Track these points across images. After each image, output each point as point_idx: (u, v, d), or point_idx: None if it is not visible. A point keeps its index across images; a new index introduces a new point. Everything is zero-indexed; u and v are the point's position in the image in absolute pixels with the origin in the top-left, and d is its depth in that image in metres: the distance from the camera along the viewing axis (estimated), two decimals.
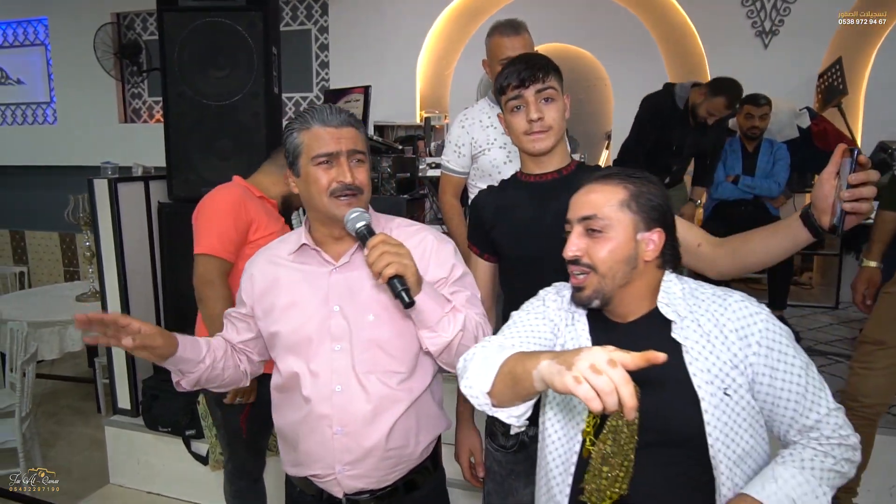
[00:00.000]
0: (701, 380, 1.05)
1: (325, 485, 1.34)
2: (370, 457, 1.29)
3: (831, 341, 3.53)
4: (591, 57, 4.94)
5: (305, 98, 5.70)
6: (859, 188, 1.07)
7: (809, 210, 1.17)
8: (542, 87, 1.40)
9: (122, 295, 2.82)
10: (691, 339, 1.08)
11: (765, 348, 1.05)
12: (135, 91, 6.11)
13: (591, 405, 0.75)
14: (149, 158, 4.34)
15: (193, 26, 2.66)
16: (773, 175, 3.71)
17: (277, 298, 1.33)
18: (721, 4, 4.61)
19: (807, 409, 1.05)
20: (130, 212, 2.85)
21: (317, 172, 1.26)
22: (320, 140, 1.26)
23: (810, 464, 1.04)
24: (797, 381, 1.05)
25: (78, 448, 3.43)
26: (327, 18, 5.48)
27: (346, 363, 1.28)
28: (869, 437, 2.01)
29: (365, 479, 1.31)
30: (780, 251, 1.24)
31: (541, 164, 1.48)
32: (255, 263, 1.41)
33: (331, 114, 1.27)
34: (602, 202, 1.12)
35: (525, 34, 2.11)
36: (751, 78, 4.34)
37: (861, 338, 2.02)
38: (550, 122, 1.41)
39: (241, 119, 2.67)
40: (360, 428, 1.28)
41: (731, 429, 1.05)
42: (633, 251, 1.11)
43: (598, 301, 1.12)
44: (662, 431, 1.06)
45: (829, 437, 1.04)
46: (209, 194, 1.96)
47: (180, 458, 2.79)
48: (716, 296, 1.12)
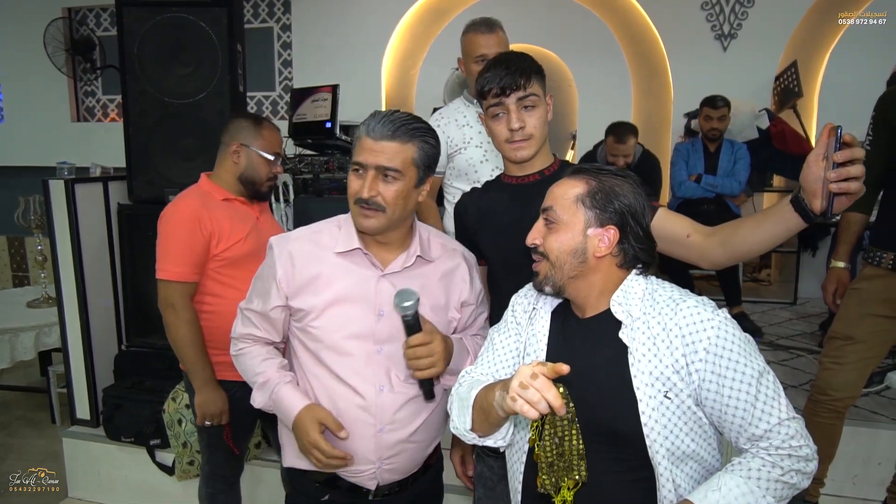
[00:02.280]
0: (641, 381, 1.07)
1: (359, 479, 1.39)
2: (405, 451, 1.39)
3: (792, 336, 3.64)
4: (556, 58, 4.98)
5: (268, 97, 5.60)
6: (846, 168, 1.04)
7: (800, 195, 1.14)
8: (524, 94, 1.38)
9: (81, 301, 2.70)
10: (638, 340, 1.10)
11: (712, 355, 1.05)
12: (88, 89, 5.90)
13: (528, 415, 0.92)
14: (104, 158, 4.18)
15: (154, 22, 2.57)
16: (734, 174, 3.81)
17: (320, 293, 1.33)
18: (682, 8, 4.72)
19: (756, 419, 1.04)
20: (88, 214, 2.73)
21: (350, 178, 1.31)
22: (359, 148, 1.29)
23: (756, 473, 1.03)
24: (746, 388, 1.04)
25: (32, 461, 3.27)
26: (290, 16, 5.39)
27: (387, 366, 1.35)
28: (837, 429, 2.06)
29: (398, 472, 1.41)
30: (771, 238, 1.22)
31: (523, 166, 1.47)
32: (296, 244, 1.37)
33: (378, 123, 1.28)
34: (559, 196, 1.17)
35: (500, 32, 2.11)
36: (711, 80, 4.47)
37: (830, 333, 2.07)
38: (531, 131, 1.40)
39: (206, 118, 2.59)
40: (399, 426, 1.36)
41: (669, 430, 1.06)
42: (582, 245, 1.13)
43: (549, 287, 1.17)
44: (606, 429, 1.10)
45: (779, 447, 1.03)
46: (169, 206, 1.89)
47: (144, 468, 2.69)
48: (671, 299, 1.11)
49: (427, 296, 1.35)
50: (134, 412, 2.65)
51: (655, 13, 4.78)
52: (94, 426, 2.83)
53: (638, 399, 1.07)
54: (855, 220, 2.11)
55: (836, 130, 1.05)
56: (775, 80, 4.57)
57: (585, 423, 1.10)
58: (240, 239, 1.87)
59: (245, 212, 1.94)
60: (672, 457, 1.07)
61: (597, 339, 1.15)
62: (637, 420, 1.06)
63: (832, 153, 1.05)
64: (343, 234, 1.36)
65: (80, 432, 2.84)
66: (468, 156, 2.13)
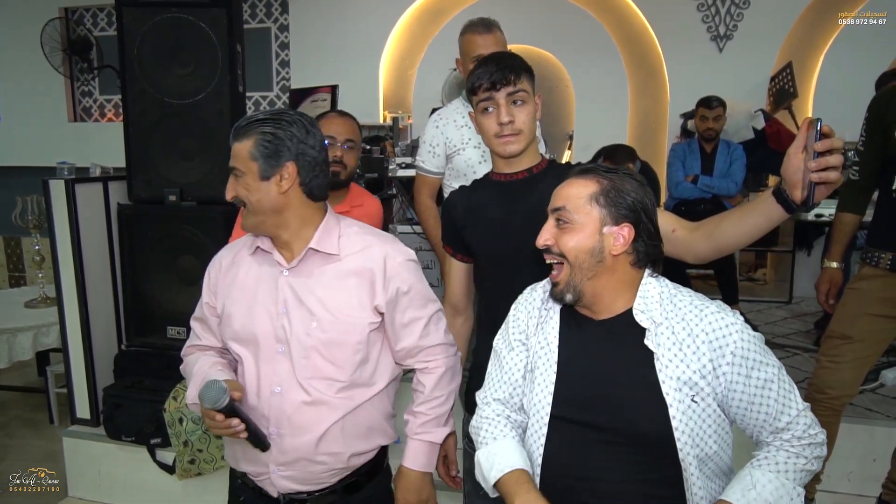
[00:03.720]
0: (669, 387, 1.08)
1: (261, 483, 1.36)
2: (301, 460, 1.31)
3: (787, 334, 3.67)
4: (554, 59, 5.01)
5: (265, 97, 5.61)
6: (825, 158, 1.08)
7: (781, 186, 1.17)
8: (514, 89, 1.39)
9: (81, 301, 2.71)
10: (664, 346, 1.11)
11: (739, 357, 1.08)
12: (85, 89, 5.90)
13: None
14: (101, 158, 4.19)
15: (154, 22, 2.57)
16: (730, 175, 3.83)
17: (233, 292, 1.36)
18: (678, 10, 4.74)
19: (779, 413, 1.09)
20: (88, 214, 2.73)
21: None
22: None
23: (784, 466, 1.08)
24: (770, 385, 1.09)
25: (31, 461, 3.26)
26: (287, 17, 5.40)
27: (288, 366, 1.30)
28: (834, 426, 2.08)
29: (298, 481, 1.33)
30: (754, 230, 1.25)
31: (511, 163, 1.48)
32: (222, 254, 1.45)
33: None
34: (573, 195, 1.16)
35: (497, 32, 2.12)
36: (707, 80, 4.49)
37: (828, 332, 2.09)
38: (521, 126, 1.41)
39: (205, 118, 2.59)
40: (294, 431, 1.30)
41: (697, 434, 1.08)
42: (599, 244, 1.13)
43: (570, 295, 1.16)
44: (633, 433, 1.10)
45: (801, 437, 1.09)
46: None
47: (145, 467, 2.70)
48: (693, 305, 1.13)
49: (328, 294, 1.31)
50: (134, 411, 2.65)
51: (652, 14, 4.81)
52: (94, 425, 2.84)
53: (668, 404, 1.08)
54: (848, 221, 2.13)
55: (816, 122, 1.08)
56: (770, 80, 4.60)
57: (610, 427, 1.11)
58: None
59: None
60: (702, 454, 1.09)
61: (617, 342, 1.15)
62: (666, 424, 1.07)
63: (812, 144, 1.09)
64: (253, 237, 1.39)
65: (81, 432, 2.84)
66: (467, 156, 2.14)
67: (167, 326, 2.73)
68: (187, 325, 2.80)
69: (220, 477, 2.58)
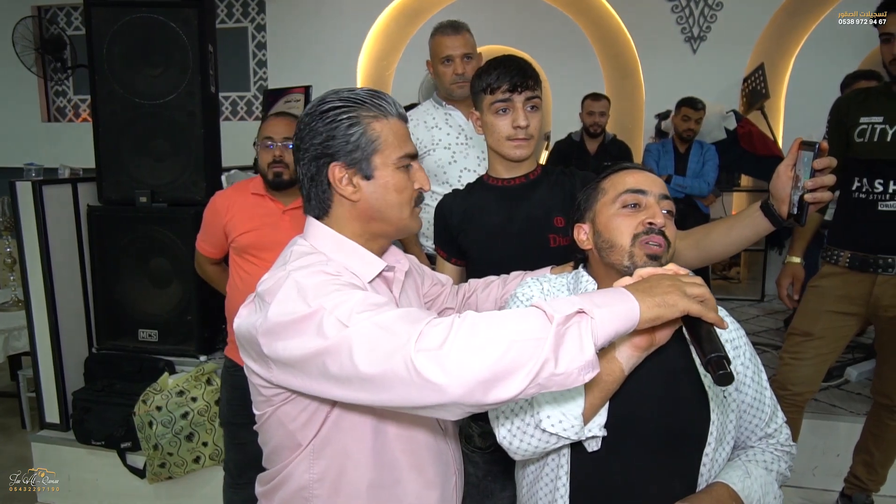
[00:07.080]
0: (706, 385, 1.09)
1: None
2: None
3: (759, 332, 3.72)
4: (530, 59, 5.03)
5: (242, 97, 5.57)
6: (821, 177, 1.12)
7: (769, 201, 1.22)
8: (532, 94, 1.42)
9: (50, 304, 2.67)
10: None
11: (748, 360, 1.13)
12: (59, 88, 5.82)
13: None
14: (76, 159, 4.14)
15: (123, 22, 2.55)
16: (702, 175, 3.88)
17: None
18: (653, 11, 4.79)
19: (770, 419, 1.15)
20: (57, 216, 2.70)
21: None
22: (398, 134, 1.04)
23: (771, 466, 1.14)
24: (767, 392, 1.14)
25: (2, 466, 3.22)
26: (264, 16, 5.37)
27: None
28: (797, 422, 2.13)
29: None
30: (741, 240, 1.28)
31: (512, 168, 1.49)
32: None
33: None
34: (662, 184, 1.17)
35: (466, 34, 2.14)
36: (681, 81, 4.55)
37: (790, 330, 2.13)
38: (533, 131, 1.44)
39: (177, 119, 2.58)
40: None
41: (721, 433, 1.10)
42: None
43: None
44: (675, 432, 1.07)
45: (783, 444, 1.15)
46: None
47: (115, 472, 2.67)
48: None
49: None
50: (104, 415, 2.62)
51: (626, 15, 4.85)
52: (63, 430, 2.80)
53: (711, 408, 1.08)
54: (811, 218, 2.17)
55: (812, 145, 1.13)
56: (743, 81, 4.67)
57: (665, 427, 1.06)
58: (245, 231, 1.99)
59: (269, 207, 2.02)
60: (713, 462, 1.10)
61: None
62: (706, 424, 1.07)
63: (802, 165, 1.14)
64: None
65: (50, 436, 2.81)
66: (437, 157, 2.15)
67: (138, 329, 2.71)
68: (158, 327, 2.78)
69: (190, 480, 2.56)
